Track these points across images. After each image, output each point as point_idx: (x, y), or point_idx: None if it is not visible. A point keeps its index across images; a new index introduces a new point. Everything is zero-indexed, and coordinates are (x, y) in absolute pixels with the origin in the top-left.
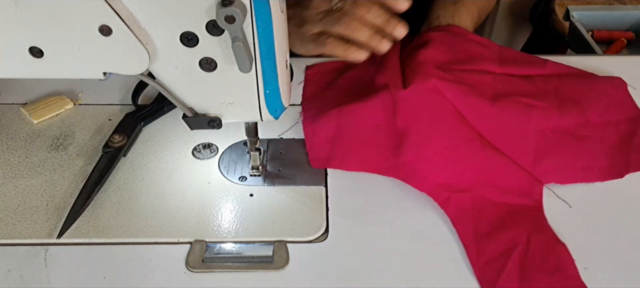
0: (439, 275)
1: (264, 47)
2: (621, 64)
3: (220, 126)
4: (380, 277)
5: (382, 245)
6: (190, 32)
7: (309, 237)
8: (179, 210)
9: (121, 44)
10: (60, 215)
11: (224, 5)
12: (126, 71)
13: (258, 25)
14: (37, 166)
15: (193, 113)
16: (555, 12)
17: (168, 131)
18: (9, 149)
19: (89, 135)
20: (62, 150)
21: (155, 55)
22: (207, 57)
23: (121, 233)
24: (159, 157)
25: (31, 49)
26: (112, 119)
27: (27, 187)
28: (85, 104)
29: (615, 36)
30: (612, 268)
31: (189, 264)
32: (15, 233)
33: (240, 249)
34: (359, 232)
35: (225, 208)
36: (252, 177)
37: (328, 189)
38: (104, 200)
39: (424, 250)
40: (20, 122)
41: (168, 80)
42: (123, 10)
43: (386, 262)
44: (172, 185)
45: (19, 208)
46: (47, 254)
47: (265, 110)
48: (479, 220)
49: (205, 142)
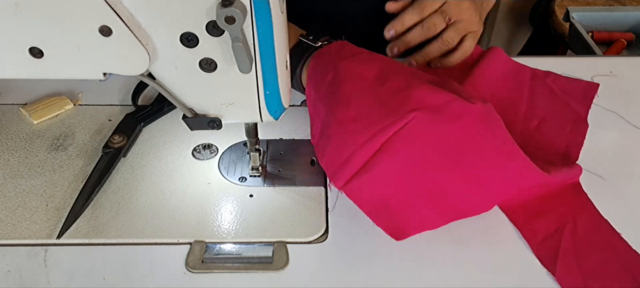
0: (439, 275)
1: (264, 48)
2: (621, 64)
3: (220, 127)
4: (380, 277)
5: (382, 246)
6: (190, 33)
7: (309, 237)
8: (179, 210)
9: (121, 44)
10: (60, 216)
11: (224, 5)
12: (126, 72)
13: (258, 26)
14: (37, 166)
15: (193, 114)
16: (556, 13)
17: (168, 132)
18: (9, 149)
19: (88, 136)
20: (62, 151)
21: (155, 56)
22: (207, 58)
23: (121, 234)
24: (158, 157)
25: (31, 49)
26: (112, 119)
27: (27, 187)
28: (85, 105)
29: (615, 37)
30: None
31: (189, 265)
32: (15, 233)
33: (240, 250)
34: (359, 233)
35: (225, 209)
36: (252, 178)
37: (328, 190)
38: (103, 200)
39: (424, 250)
40: (20, 122)
41: (168, 81)
42: (123, 10)
43: (386, 262)
44: (172, 186)
45: (19, 209)
46: (46, 254)
47: (265, 111)
48: (527, 201)
49: (205, 143)
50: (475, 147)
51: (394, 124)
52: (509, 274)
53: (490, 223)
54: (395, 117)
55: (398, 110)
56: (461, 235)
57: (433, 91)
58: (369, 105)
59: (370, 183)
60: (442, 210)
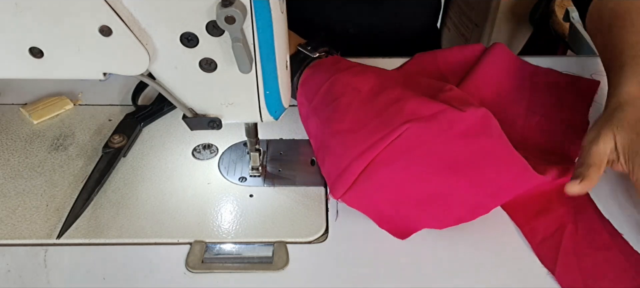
0: (439, 275)
1: (264, 48)
2: None
3: (220, 127)
4: (380, 277)
5: (382, 246)
6: (190, 33)
7: (309, 237)
8: (179, 210)
9: (121, 44)
10: (60, 216)
11: (224, 5)
12: (126, 71)
13: (258, 26)
14: (37, 166)
15: (193, 113)
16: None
17: (168, 132)
18: (9, 149)
19: (89, 136)
20: (62, 151)
21: (155, 56)
22: (207, 58)
23: (121, 234)
24: (158, 157)
25: (31, 49)
26: (112, 119)
27: (27, 187)
28: (85, 105)
29: None
30: None
31: (189, 265)
32: (15, 233)
33: (240, 250)
34: (359, 233)
35: (225, 209)
36: (252, 178)
37: (328, 190)
38: (103, 200)
39: (424, 250)
40: (20, 122)
41: (168, 81)
42: (123, 10)
43: (386, 262)
44: (172, 186)
45: (19, 209)
46: (46, 254)
47: (265, 111)
48: (528, 200)
49: (205, 143)
50: (471, 153)
51: (389, 135)
52: (509, 274)
53: (490, 223)
54: (389, 128)
55: (392, 121)
56: (461, 235)
57: (425, 102)
58: (364, 117)
59: (370, 192)
60: (442, 215)
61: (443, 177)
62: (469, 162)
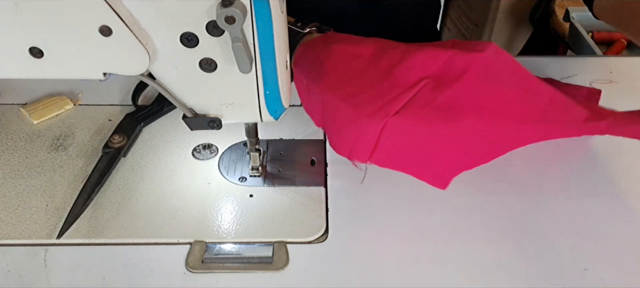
0: (439, 275)
1: (264, 48)
2: (621, 65)
3: (220, 127)
4: (380, 277)
5: (382, 246)
6: (190, 33)
7: (309, 237)
8: (179, 210)
9: (121, 44)
10: (60, 216)
11: (224, 5)
12: (126, 71)
13: (258, 26)
14: (37, 166)
15: (193, 113)
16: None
17: (168, 132)
18: (9, 149)
19: (88, 136)
20: (62, 151)
21: (155, 56)
22: (207, 58)
23: (121, 234)
24: (158, 157)
25: (31, 49)
26: (112, 119)
27: (27, 187)
28: (85, 104)
29: (615, 37)
30: (611, 270)
31: (189, 265)
32: (15, 233)
33: (240, 250)
34: (359, 233)
35: (225, 209)
36: (252, 178)
37: (328, 190)
38: (103, 200)
39: (424, 251)
40: (20, 122)
41: (168, 81)
42: (123, 10)
43: (386, 262)
44: (172, 186)
45: (19, 209)
46: (46, 254)
47: (265, 111)
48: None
49: (205, 143)
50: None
51: (405, 94)
52: (508, 274)
53: (490, 222)
54: (403, 87)
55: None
56: (461, 235)
57: (432, 53)
58: (372, 78)
59: (398, 147)
60: (471, 155)
61: (467, 118)
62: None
